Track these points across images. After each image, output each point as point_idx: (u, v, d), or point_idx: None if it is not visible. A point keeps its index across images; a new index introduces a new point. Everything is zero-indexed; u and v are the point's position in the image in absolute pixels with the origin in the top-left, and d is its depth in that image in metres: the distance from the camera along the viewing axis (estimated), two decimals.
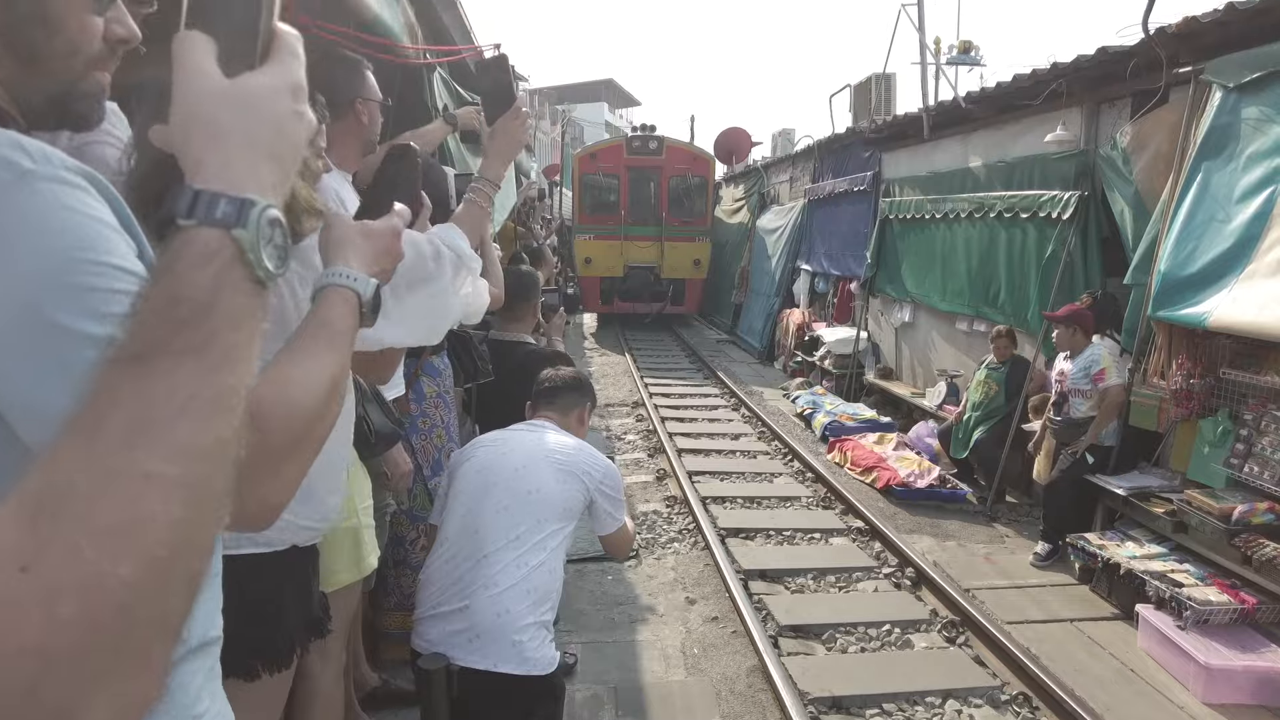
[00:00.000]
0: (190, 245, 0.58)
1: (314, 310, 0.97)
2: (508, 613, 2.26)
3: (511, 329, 3.81)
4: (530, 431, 2.62)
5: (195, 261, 0.58)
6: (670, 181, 15.49)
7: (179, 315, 0.55)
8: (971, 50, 15.88)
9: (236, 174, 0.62)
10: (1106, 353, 5.17)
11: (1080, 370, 5.24)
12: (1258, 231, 4.24)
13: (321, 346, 0.92)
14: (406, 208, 1.19)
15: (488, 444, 2.59)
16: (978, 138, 7.56)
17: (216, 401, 0.55)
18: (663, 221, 15.30)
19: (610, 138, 19.31)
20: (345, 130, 2.08)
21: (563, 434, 2.63)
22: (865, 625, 4.41)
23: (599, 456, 2.59)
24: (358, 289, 0.99)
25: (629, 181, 15.50)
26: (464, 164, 4.00)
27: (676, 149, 15.88)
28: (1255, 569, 4.00)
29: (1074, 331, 5.30)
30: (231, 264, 0.59)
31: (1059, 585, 5.01)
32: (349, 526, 2.32)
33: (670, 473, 7.00)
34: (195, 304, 0.56)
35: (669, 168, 15.50)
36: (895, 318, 9.30)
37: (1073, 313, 5.35)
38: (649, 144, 15.71)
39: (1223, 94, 4.62)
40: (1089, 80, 5.93)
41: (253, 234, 0.60)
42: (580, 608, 4.49)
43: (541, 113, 27.58)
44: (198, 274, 0.58)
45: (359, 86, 2.13)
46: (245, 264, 0.60)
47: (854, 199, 10.49)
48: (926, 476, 6.51)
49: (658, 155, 15.55)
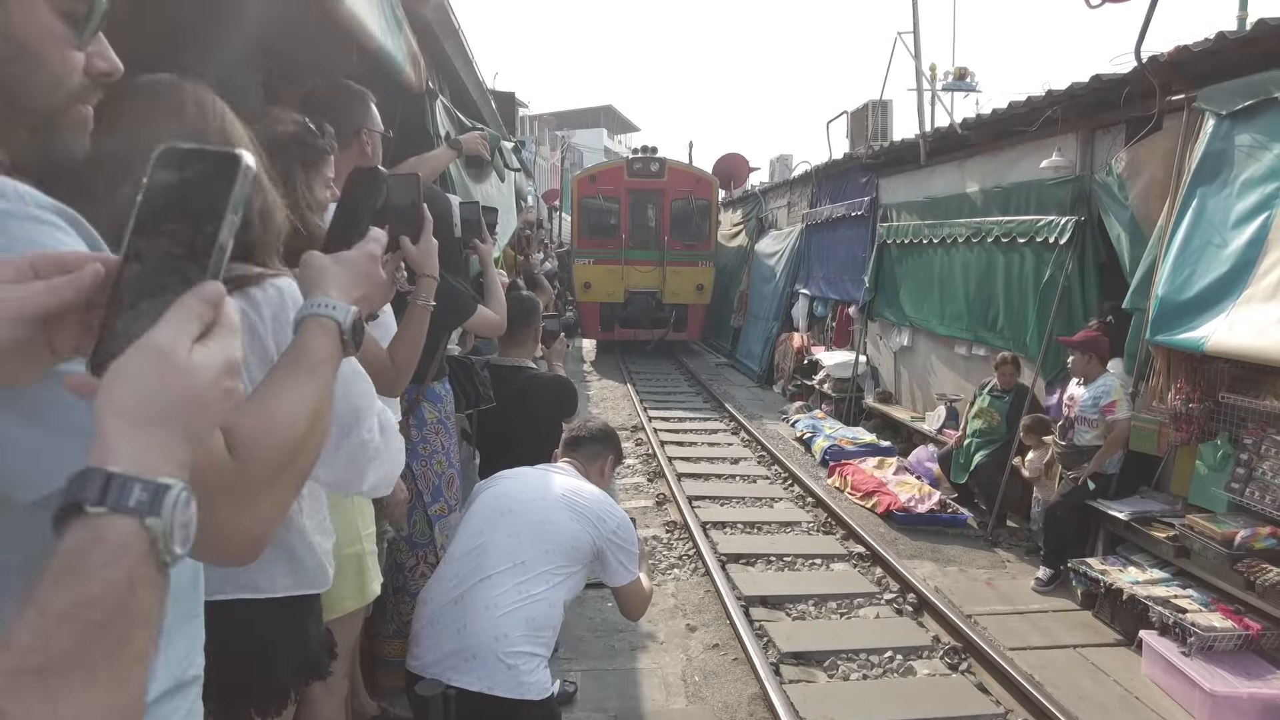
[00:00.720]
0: (100, 539, 0.53)
1: (295, 341, 0.97)
2: (505, 637, 2.26)
3: (513, 354, 3.82)
4: (550, 471, 2.69)
5: (107, 558, 0.52)
6: (672, 204, 15.04)
7: (91, 619, 0.50)
8: (967, 77, 16.13)
9: (152, 455, 0.57)
10: (1119, 385, 5.17)
11: (1090, 399, 5.24)
12: (1254, 256, 4.27)
13: (302, 376, 0.91)
14: (382, 232, 1.18)
15: (509, 476, 2.66)
16: (974, 163, 7.63)
17: (127, 692, 0.52)
18: (665, 245, 14.82)
19: (610, 160, 19.10)
20: (349, 159, 2.11)
21: (582, 480, 2.70)
22: (867, 652, 4.37)
23: (615, 509, 2.61)
24: (337, 317, 0.98)
25: (630, 204, 15.05)
26: (466, 191, 4.03)
27: (679, 171, 15.45)
28: (1259, 594, 3.98)
29: (1089, 358, 5.30)
30: (144, 556, 0.54)
31: (1061, 611, 4.97)
32: (353, 553, 2.31)
33: (670, 497, 6.97)
34: (108, 606, 0.51)
35: (671, 190, 15.04)
36: (894, 342, 9.32)
37: (1088, 339, 5.34)
38: (650, 166, 15.20)
39: (1215, 121, 4.67)
40: (1084, 107, 6.00)
41: (166, 522, 0.55)
42: (580, 635, 4.46)
43: (541, 138, 27.80)
44: (110, 571, 0.52)
45: (364, 117, 2.16)
46: (155, 554, 0.55)
47: (852, 224, 10.56)
48: (927, 501, 6.48)
49: (659, 177, 15.06)
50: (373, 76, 2.83)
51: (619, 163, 16.53)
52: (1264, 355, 4.06)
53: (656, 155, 15.59)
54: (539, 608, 2.34)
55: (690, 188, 15.18)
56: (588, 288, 14.91)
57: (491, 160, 4.96)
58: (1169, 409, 4.74)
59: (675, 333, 15.36)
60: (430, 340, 2.88)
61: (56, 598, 0.50)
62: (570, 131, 34.94)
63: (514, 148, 6.49)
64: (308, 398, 0.90)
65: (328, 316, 0.98)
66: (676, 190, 15.06)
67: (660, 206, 15.08)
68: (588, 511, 2.51)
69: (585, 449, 2.83)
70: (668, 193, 15.02)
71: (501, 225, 4.84)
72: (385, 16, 2.83)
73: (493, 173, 5.12)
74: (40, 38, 0.79)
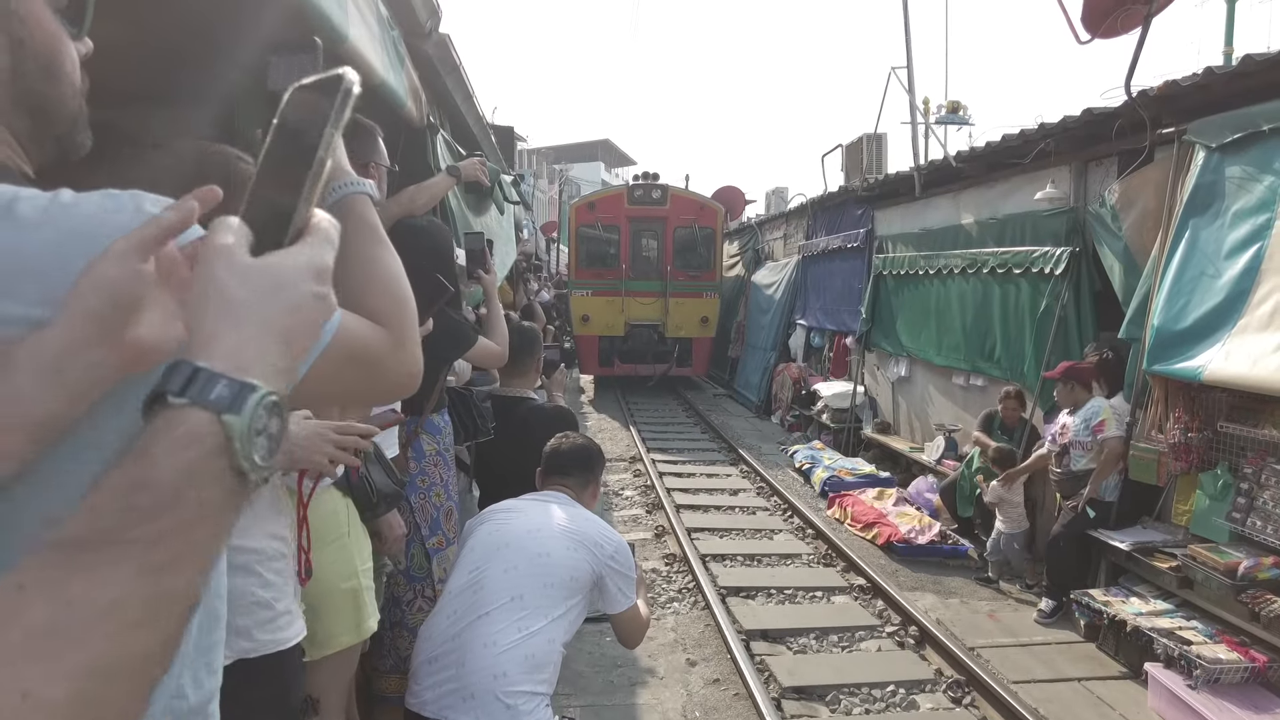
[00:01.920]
0: (172, 427, 0.53)
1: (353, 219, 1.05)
2: (504, 675, 2.22)
3: (515, 384, 3.81)
4: (545, 501, 2.66)
5: (173, 445, 0.52)
6: (675, 232, 14.37)
7: (138, 503, 0.50)
8: (960, 110, 16.34)
9: (245, 355, 0.57)
10: (1107, 405, 5.19)
11: (1081, 422, 5.25)
12: (1247, 286, 4.30)
13: (375, 242, 1.05)
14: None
15: (503, 509, 2.63)
16: (969, 195, 7.70)
17: (148, 607, 0.49)
18: (667, 276, 14.14)
19: (610, 186, 17.75)
20: None
21: (576, 506, 2.67)
22: (869, 686, 4.32)
23: (612, 534, 2.60)
24: (365, 191, 1.07)
25: (630, 233, 14.40)
26: (467, 223, 4.06)
27: (682, 198, 14.70)
28: (1264, 626, 3.95)
29: (1072, 387, 5.34)
30: (214, 453, 0.53)
31: (1065, 643, 4.92)
32: (349, 588, 2.28)
33: (669, 529, 6.93)
34: (160, 492, 0.51)
35: (674, 218, 14.36)
36: (892, 372, 9.33)
37: (1069, 369, 5.39)
38: (652, 193, 14.50)
39: (1206, 154, 4.73)
40: (1076, 140, 6.08)
41: (245, 422, 0.54)
42: (579, 669, 4.40)
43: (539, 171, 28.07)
44: (172, 459, 0.52)
45: (372, 151, 2.20)
46: (230, 453, 0.54)
47: (848, 255, 10.63)
48: (927, 532, 6.45)
49: (662, 205, 14.38)
50: (375, 111, 2.87)
51: (619, 189, 15.62)
52: (1260, 384, 4.07)
53: (658, 182, 14.90)
54: (538, 643, 2.31)
55: (694, 215, 14.50)
56: (586, 320, 14.20)
57: (491, 193, 5.00)
58: (1168, 438, 4.74)
59: (679, 368, 14.66)
60: (430, 372, 2.88)
61: (115, 478, 0.51)
62: (568, 165, 35.29)
63: (513, 181, 6.55)
64: (388, 256, 1.05)
65: (362, 193, 1.07)
66: (680, 218, 14.43)
67: (662, 235, 14.48)
68: (584, 539, 2.48)
69: (576, 475, 2.78)
70: (670, 220, 14.41)
71: (500, 257, 4.86)
72: (388, 52, 2.87)
73: (492, 205, 5.16)
74: (56, 48, 0.80)
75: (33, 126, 0.80)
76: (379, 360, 0.96)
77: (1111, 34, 5.23)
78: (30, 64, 0.77)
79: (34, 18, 0.77)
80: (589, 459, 2.82)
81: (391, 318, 1.00)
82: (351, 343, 0.93)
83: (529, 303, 8.90)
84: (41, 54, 0.78)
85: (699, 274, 14.44)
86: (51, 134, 0.83)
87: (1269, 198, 4.30)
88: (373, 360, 0.95)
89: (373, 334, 0.97)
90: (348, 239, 1.07)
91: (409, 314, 1.04)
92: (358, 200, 1.10)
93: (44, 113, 0.80)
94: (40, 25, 0.78)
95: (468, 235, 3.20)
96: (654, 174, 15.23)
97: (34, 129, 0.80)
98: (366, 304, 0.98)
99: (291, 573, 1.91)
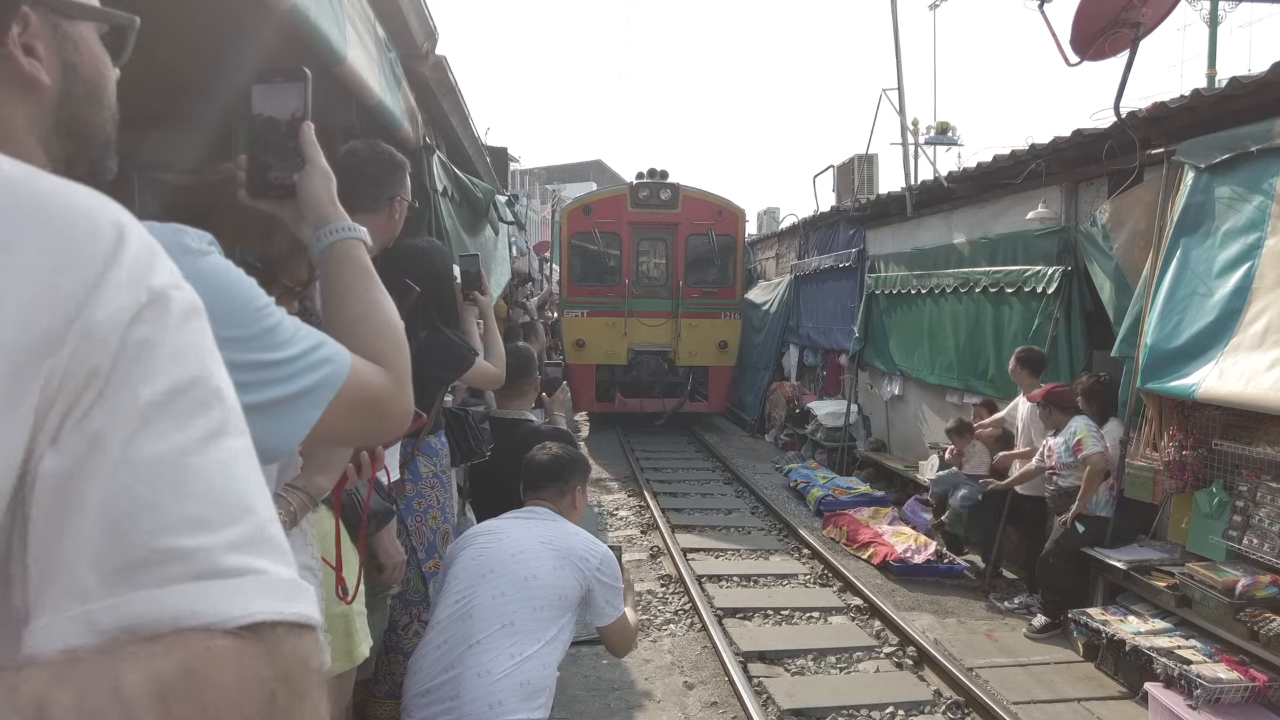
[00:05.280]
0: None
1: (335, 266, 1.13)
2: (500, 704, 2.19)
3: (513, 405, 3.79)
4: (526, 519, 2.61)
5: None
6: (688, 241, 12.13)
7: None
8: (949, 131, 16.51)
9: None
10: (1083, 424, 5.24)
11: (1063, 444, 5.31)
12: (1239, 305, 4.33)
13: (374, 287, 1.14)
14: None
15: (483, 533, 2.58)
16: (960, 215, 7.76)
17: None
18: (679, 293, 11.94)
19: (609, 188, 14.30)
20: (378, 224, 2.17)
21: (558, 520, 2.62)
22: (869, 708, 4.28)
23: (595, 546, 2.56)
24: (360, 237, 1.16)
25: (634, 242, 12.17)
26: (462, 244, 4.06)
27: (696, 200, 12.26)
28: (1263, 644, 3.94)
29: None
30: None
31: (1063, 662, 4.90)
32: (339, 613, 2.24)
33: (664, 550, 6.89)
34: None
35: (687, 224, 12.07)
36: (885, 390, 9.34)
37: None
38: (660, 194, 12.13)
39: (1195, 174, 4.78)
40: (1066, 160, 6.14)
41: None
42: (575, 693, 4.35)
43: (532, 192, 28.21)
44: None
45: (399, 185, 2.23)
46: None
47: (840, 275, 10.68)
48: (924, 551, 6.43)
49: (672, 208, 12.05)
50: (372, 132, 2.87)
51: (620, 190, 12.83)
52: (1254, 402, 4.08)
53: (668, 180, 12.31)
54: (533, 668, 2.28)
55: (710, 221, 12.13)
56: (580, 346, 11.83)
57: (486, 213, 5.01)
58: (1162, 456, 4.75)
59: (693, 403, 12.26)
60: (427, 394, 2.87)
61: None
62: (560, 185, 35.40)
63: (507, 201, 6.56)
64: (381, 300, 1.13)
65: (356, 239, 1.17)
66: (693, 224, 12.10)
67: (673, 244, 12.17)
68: (569, 555, 2.44)
69: (552, 486, 2.70)
70: (683, 226, 12.08)
71: (495, 277, 4.86)
72: (385, 74, 2.88)
73: (487, 225, 5.17)
74: (103, 73, 0.80)
75: (72, 151, 0.79)
76: (385, 402, 1.03)
77: (1100, 56, 5.29)
78: (79, 89, 0.77)
79: (85, 43, 0.77)
80: (560, 469, 2.72)
81: (392, 360, 1.06)
82: (364, 386, 0.98)
83: (530, 321, 8.84)
84: (89, 79, 0.78)
85: (716, 290, 12.19)
86: (87, 159, 0.82)
87: (1258, 217, 4.34)
88: (380, 402, 1.02)
89: (379, 377, 1.03)
90: (347, 284, 1.13)
91: (406, 355, 1.11)
92: (353, 245, 1.13)
93: (84, 138, 0.80)
94: (90, 50, 0.78)
95: (462, 257, 3.19)
96: (662, 171, 12.49)
97: (72, 154, 0.80)
98: (369, 347, 1.04)
99: (320, 603, 1.88)
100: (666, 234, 12.19)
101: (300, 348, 0.96)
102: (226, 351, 0.82)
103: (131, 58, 0.85)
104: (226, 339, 0.84)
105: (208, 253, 0.91)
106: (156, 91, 2.90)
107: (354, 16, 2.46)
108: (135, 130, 3.45)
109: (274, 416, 0.92)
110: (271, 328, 0.95)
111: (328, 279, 1.14)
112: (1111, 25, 5.11)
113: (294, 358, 0.94)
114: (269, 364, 0.92)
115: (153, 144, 3.37)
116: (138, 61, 0.85)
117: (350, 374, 0.96)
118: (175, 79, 2.90)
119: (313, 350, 0.97)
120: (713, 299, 12.13)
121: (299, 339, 0.97)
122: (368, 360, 1.02)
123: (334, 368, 0.97)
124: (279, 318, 0.97)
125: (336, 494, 1.97)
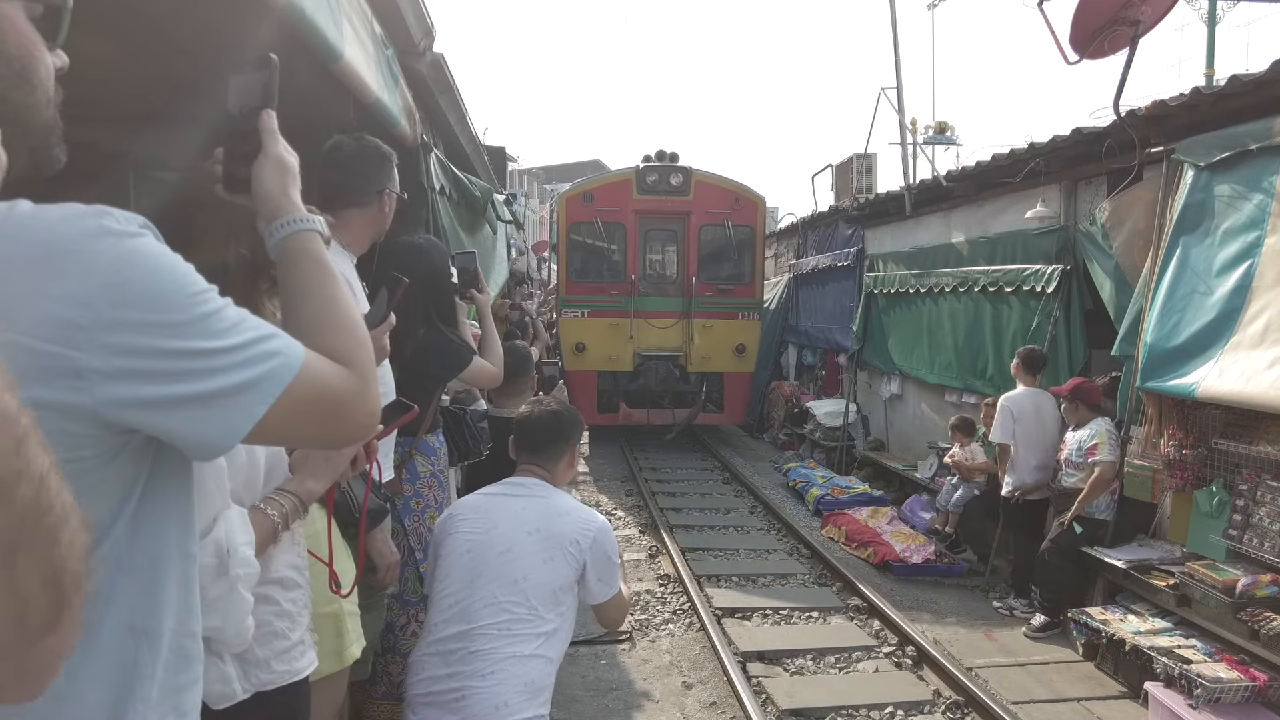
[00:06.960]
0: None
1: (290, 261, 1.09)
2: (506, 705, 2.18)
3: (510, 404, 3.77)
4: (513, 498, 2.43)
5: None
6: (702, 232, 10.87)
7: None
8: (947, 130, 16.51)
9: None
10: (1104, 428, 5.18)
11: (1077, 443, 5.26)
12: (1239, 304, 4.32)
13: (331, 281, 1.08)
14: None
15: (469, 517, 2.42)
16: (959, 214, 7.75)
17: None
18: (691, 290, 10.72)
19: (611, 173, 12.63)
20: (368, 217, 2.14)
21: (549, 496, 2.45)
22: (868, 708, 4.27)
23: (588, 520, 2.41)
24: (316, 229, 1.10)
25: (641, 233, 10.91)
26: (460, 242, 4.04)
27: (710, 186, 10.92)
28: (1264, 644, 3.93)
29: (1076, 405, 5.34)
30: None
31: (1063, 662, 4.89)
32: (330, 612, 2.20)
33: (663, 549, 6.87)
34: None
35: (700, 213, 10.80)
36: (884, 390, 9.34)
37: (1075, 387, 5.38)
38: (670, 179, 10.78)
39: (1194, 173, 4.77)
40: (1065, 159, 6.13)
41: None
42: (573, 694, 4.34)
43: (530, 191, 28.18)
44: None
45: (387, 179, 2.20)
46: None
47: (838, 274, 10.66)
48: (922, 551, 6.42)
49: (683, 195, 10.79)
50: (369, 130, 2.85)
51: (625, 175, 11.20)
52: (1254, 401, 4.07)
53: (679, 164, 10.94)
54: (535, 665, 2.25)
55: (726, 209, 10.84)
56: (580, 350, 10.65)
57: (484, 212, 4.99)
58: (1162, 455, 4.74)
59: (707, 414, 11.04)
60: (424, 393, 2.85)
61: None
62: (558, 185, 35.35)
63: (505, 200, 6.55)
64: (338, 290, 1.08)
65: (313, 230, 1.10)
66: (707, 213, 10.83)
67: (684, 235, 10.94)
68: (561, 542, 2.33)
69: (547, 450, 2.51)
70: (695, 216, 10.81)
71: (494, 276, 4.85)
72: (382, 72, 2.87)
73: (485, 224, 5.16)
74: (31, 53, 0.79)
75: (4, 134, 0.78)
76: (346, 403, 0.97)
77: (1099, 55, 5.28)
78: (3, 69, 0.76)
79: (8, 22, 0.76)
80: (561, 428, 2.53)
81: (353, 358, 1.00)
82: (320, 384, 0.93)
83: (531, 319, 8.79)
84: (15, 59, 0.77)
85: (733, 288, 10.95)
86: (25, 144, 0.81)
87: (1258, 216, 4.34)
88: (340, 402, 0.97)
89: (338, 376, 0.97)
90: (303, 279, 1.08)
91: (369, 354, 1.04)
92: (309, 238, 1.07)
93: (16, 121, 0.78)
94: (15, 30, 0.76)
95: (459, 254, 3.17)
96: (672, 153, 11.04)
97: (5, 137, 0.78)
98: (327, 344, 0.98)
99: (306, 602, 1.87)
100: (677, 224, 10.97)
101: (243, 338, 0.88)
102: (148, 337, 0.81)
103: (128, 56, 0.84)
104: (150, 323, 0.82)
105: (137, 235, 0.83)
106: (152, 89, 2.88)
107: (351, 13, 2.44)
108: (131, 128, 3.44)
109: (213, 409, 0.85)
110: (207, 314, 0.86)
111: (283, 274, 1.08)
112: (1111, 23, 5.10)
113: (234, 348, 0.87)
114: (203, 353, 0.85)
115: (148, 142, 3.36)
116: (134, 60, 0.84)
117: (303, 370, 0.90)
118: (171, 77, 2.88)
119: (258, 342, 0.89)
120: (729, 297, 10.89)
121: (242, 329, 0.89)
122: (328, 359, 0.96)
123: (283, 361, 0.90)
124: (217, 305, 0.88)
125: (330, 492, 1.96)
